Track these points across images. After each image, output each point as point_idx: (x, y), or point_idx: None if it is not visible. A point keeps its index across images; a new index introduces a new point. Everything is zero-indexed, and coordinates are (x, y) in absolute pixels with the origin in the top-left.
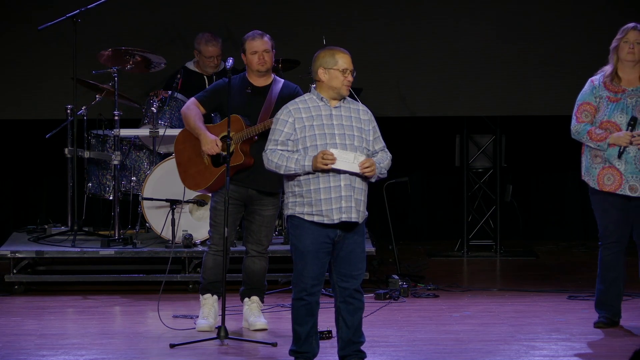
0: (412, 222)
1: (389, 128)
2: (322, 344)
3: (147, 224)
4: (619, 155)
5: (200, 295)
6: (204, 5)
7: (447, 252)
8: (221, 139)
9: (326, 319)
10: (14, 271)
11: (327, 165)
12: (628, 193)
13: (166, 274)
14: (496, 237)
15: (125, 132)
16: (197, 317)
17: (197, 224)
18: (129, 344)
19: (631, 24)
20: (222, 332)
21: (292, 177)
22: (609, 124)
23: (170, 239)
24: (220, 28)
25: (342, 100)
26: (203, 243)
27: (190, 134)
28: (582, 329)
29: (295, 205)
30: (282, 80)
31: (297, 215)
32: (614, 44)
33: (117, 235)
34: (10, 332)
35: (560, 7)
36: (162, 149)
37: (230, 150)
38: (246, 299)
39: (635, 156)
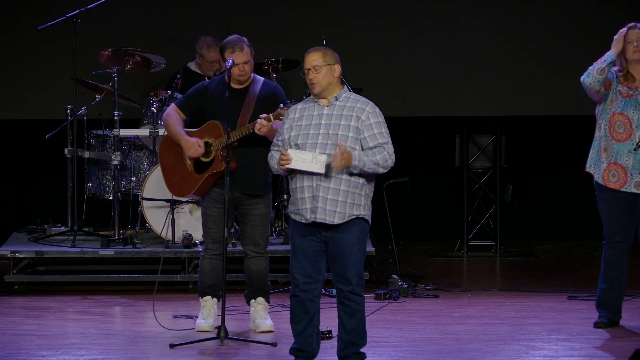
0: (412, 222)
1: (389, 128)
2: (322, 344)
3: (147, 224)
4: (636, 148)
5: (200, 298)
6: (204, 5)
7: (447, 252)
8: (205, 143)
9: (326, 319)
10: (14, 271)
11: (283, 165)
12: (633, 190)
13: (159, 274)
14: (496, 237)
15: (125, 132)
16: (197, 317)
17: (197, 224)
18: (129, 344)
19: (630, 24)
20: (222, 332)
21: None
22: (621, 117)
23: (170, 239)
24: (220, 28)
25: (336, 99)
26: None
27: (172, 140)
28: (582, 329)
29: (289, 203)
30: (262, 79)
31: (289, 212)
32: None
33: (117, 235)
34: (10, 332)
35: (560, 7)
36: None
37: (211, 157)
38: (252, 301)
39: None
